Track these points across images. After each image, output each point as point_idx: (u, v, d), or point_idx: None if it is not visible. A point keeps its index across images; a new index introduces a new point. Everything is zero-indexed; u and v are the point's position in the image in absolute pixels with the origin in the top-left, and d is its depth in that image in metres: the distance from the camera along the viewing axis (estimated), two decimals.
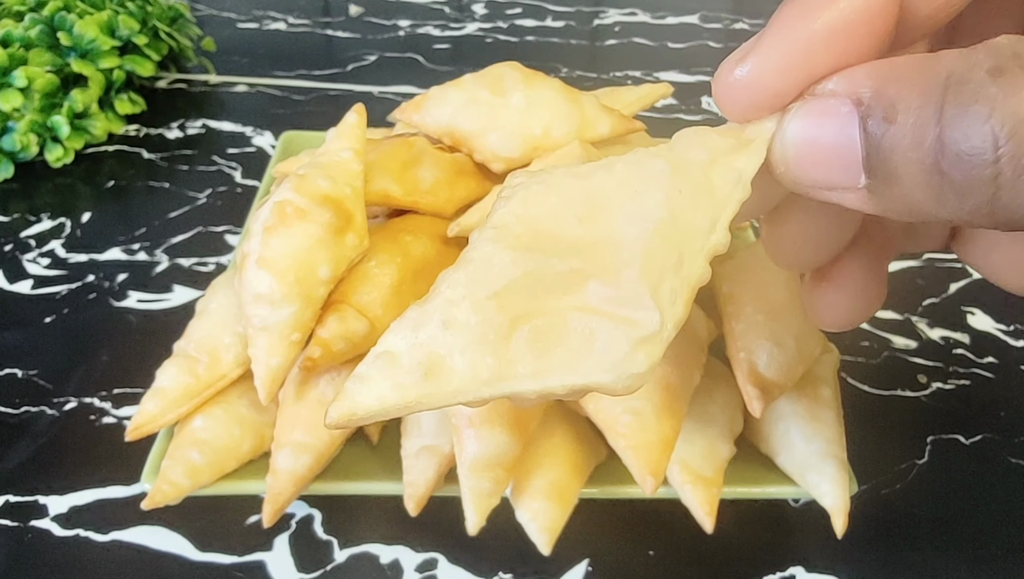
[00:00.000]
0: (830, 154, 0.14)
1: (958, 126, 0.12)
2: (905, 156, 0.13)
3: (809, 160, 0.14)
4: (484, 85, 0.35)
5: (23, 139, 0.50)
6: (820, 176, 0.14)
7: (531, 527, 0.28)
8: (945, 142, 0.12)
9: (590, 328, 0.14)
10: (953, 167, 0.12)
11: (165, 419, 0.29)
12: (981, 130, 0.11)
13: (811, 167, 0.14)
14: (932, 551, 0.32)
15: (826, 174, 0.14)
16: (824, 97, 0.14)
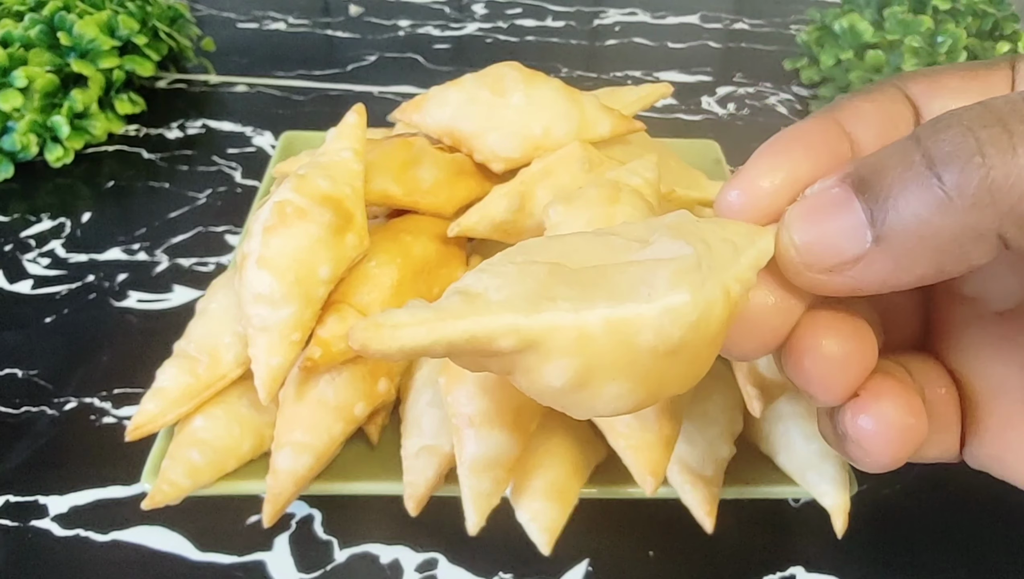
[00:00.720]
0: (832, 225, 0.15)
1: (935, 141, 0.13)
2: (904, 178, 0.13)
3: (814, 239, 0.15)
4: (484, 85, 0.35)
5: (23, 139, 0.50)
6: (828, 250, 0.15)
7: (531, 527, 0.28)
8: (929, 149, 0.13)
9: (628, 271, 0.14)
10: (945, 167, 0.13)
11: (165, 419, 0.29)
12: (953, 132, 0.13)
13: (817, 245, 0.15)
14: (932, 551, 0.32)
15: (833, 245, 0.15)
16: (814, 193, 0.15)
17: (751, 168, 0.17)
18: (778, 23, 0.78)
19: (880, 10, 0.61)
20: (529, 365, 0.13)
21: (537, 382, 0.14)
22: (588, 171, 0.32)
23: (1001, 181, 0.12)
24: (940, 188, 0.13)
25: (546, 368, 0.13)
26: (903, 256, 0.14)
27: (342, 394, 0.29)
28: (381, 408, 0.31)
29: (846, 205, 0.14)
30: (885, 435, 0.15)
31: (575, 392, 0.14)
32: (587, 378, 0.14)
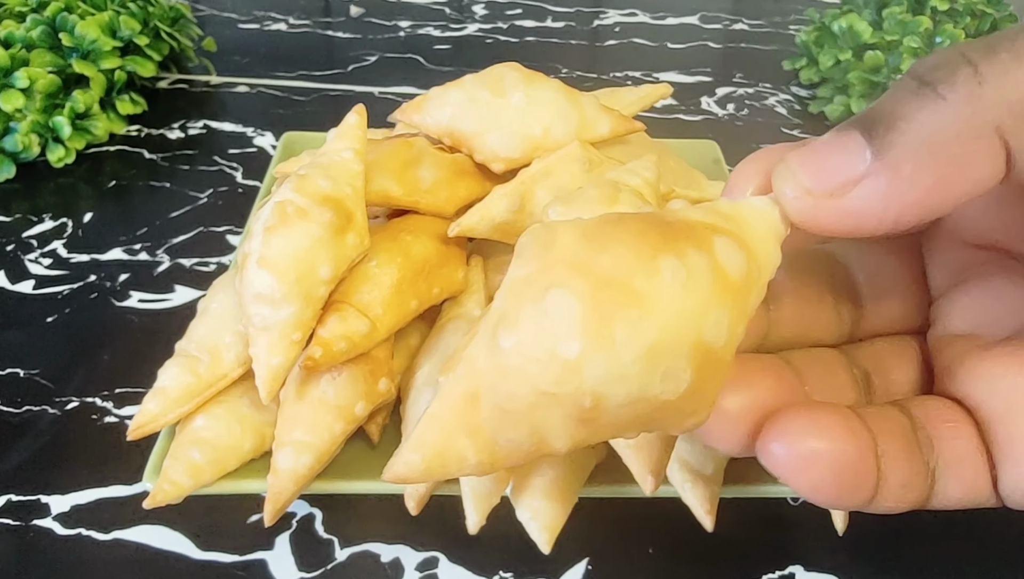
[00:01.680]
0: (831, 150, 0.15)
1: (924, 64, 0.14)
2: (898, 95, 0.14)
3: (814, 163, 0.15)
4: (484, 85, 0.35)
5: (25, 139, 0.50)
6: (829, 170, 0.14)
7: (531, 526, 0.28)
8: (919, 72, 0.14)
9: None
10: (934, 73, 0.14)
11: (166, 418, 0.29)
12: (940, 52, 0.14)
13: (818, 167, 0.15)
14: (933, 550, 0.32)
15: (834, 165, 0.14)
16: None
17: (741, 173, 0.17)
18: (777, 23, 0.78)
19: (879, 10, 0.61)
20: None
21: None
22: (588, 171, 0.32)
23: (989, 75, 0.13)
24: (934, 92, 0.13)
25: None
26: (903, 163, 0.14)
27: (343, 393, 0.29)
28: (382, 407, 0.31)
29: (845, 135, 0.15)
30: (791, 461, 0.15)
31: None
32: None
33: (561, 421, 0.13)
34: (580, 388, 0.13)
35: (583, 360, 0.13)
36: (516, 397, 0.13)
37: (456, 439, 0.14)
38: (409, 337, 0.33)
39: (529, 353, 0.13)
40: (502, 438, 0.13)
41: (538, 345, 0.13)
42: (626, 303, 0.13)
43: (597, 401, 0.13)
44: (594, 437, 0.14)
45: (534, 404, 0.13)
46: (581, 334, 0.13)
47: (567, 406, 0.13)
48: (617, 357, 0.13)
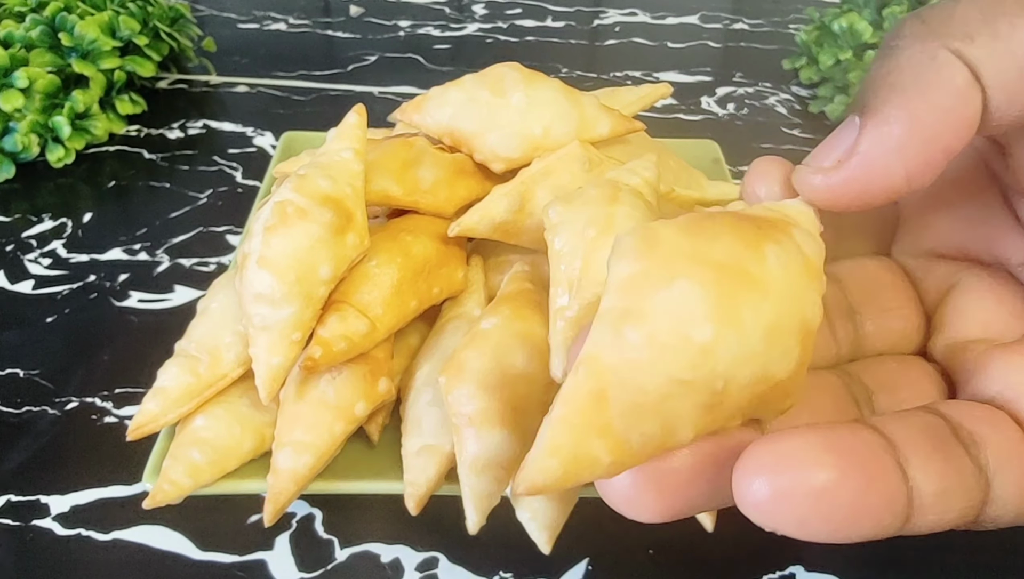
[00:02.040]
0: (831, 135, 0.16)
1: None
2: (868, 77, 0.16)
3: (818, 150, 0.17)
4: (484, 85, 0.35)
5: (24, 139, 0.50)
6: (830, 146, 0.16)
7: (531, 526, 0.28)
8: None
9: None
10: (887, 42, 0.16)
11: (166, 418, 0.29)
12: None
13: (821, 150, 0.16)
14: (933, 550, 0.32)
15: (834, 142, 0.16)
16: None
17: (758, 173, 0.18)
18: (777, 23, 0.78)
19: (879, 10, 0.61)
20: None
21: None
22: (588, 171, 0.32)
23: (929, 17, 0.15)
24: (888, 50, 0.16)
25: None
26: (884, 114, 0.15)
27: (343, 393, 0.29)
28: (382, 407, 0.31)
29: (847, 123, 0.16)
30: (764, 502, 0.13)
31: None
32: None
33: (691, 409, 0.14)
34: (714, 371, 0.13)
35: (717, 342, 0.13)
36: (648, 390, 0.13)
37: (588, 441, 0.13)
38: (409, 337, 0.33)
39: (662, 342, 0.13)
40: (634, 434, 0.13)
41: (671, 332, 0.13)
42: (747, 286, 0.14)
43: (727, 384, 0.14)
44: (713, 424, 0.14)
45: (667, 394, 0.13)
46: (713, 317, 0.13)
47: (700, 392, 0.13)
48: (746, 337, 0.13)
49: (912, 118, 0.15)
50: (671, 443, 0.14)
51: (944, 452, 0.14)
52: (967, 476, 0.14)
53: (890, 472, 0.13)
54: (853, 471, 0.13)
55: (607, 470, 0.14)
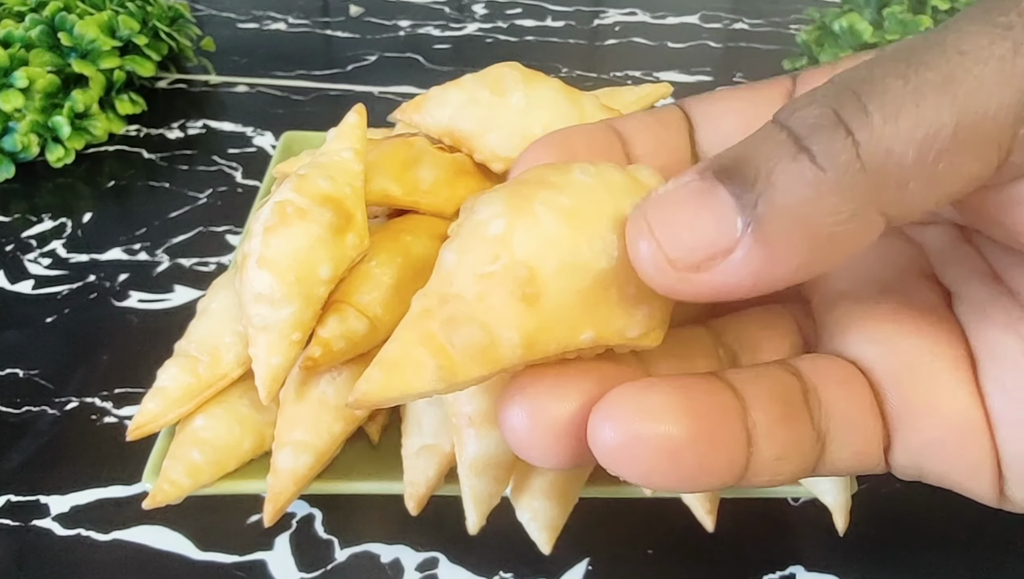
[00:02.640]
0: (698, 215, 0.13)
1: (797, 117, 0.13)
2: (774, 163, 0.12)
3: (678, 231, 0.13)
4: (484, 85, 0.35)
5: (24, 139, 0.50)
6: (696, 241, 0.13)
7: (531, 526, 0.28)
8: (793, 128, 0.12)
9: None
10: (813, 140, 0.12)
11: (166, 419, 0.29)
12: (813, 108, 0.12)
13: (683, 237, 0.13)
14: (933, 550, 0.32)
15: (701, 236, 0.13)
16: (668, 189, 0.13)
17: (529, 153, 0.17)
18: (777, 23, 0.78)
19: (879, 10, 0.61)
20: None
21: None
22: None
23: (865, 144, 0.12)
24: (812, 162, 0.12)
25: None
26: (778, 242, 0.12)
27: (343, 394, 0.29)
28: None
29: (711, 193, 0.13)
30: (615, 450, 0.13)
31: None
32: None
33: (505, 302, 0.14)
34: (513, 258, 0.14)
35: (510, 231, 0.14)
36: (461, 295, 0.14)
37: (412, 349, 0.14)
38: None
39: (466, 248, 0.15)
40: (456, 339, 0.14)
41: (472, 238, 0.15)
42: (543, 187, 0.15)
43: (531, 271, 0.14)
44: (545, 329, 0.14)
45: (478, 294, 0.14)
46: (506, 213, 0.14)
47: (506, 281, 0.14)
48: (540, 224, 0.14)
49: (810, 265, 0.13)
50: (500, 345, 0.14)
51: (790, 419, 0.14)
52: (806, 444, 0.14)
53: (737, 438, 0.14)
54: (703, 434, 0.13)
55: (435, 376, 0.14)
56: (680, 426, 0.13)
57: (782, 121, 0.13)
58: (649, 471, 0.13)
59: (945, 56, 0.12)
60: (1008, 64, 0.11)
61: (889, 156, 0.12)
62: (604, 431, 0.13)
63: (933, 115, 0.12)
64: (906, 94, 0.12)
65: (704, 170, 0.13)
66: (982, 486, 0.15)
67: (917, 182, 0.12)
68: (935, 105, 0.12)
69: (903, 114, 0.12)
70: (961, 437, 0.15)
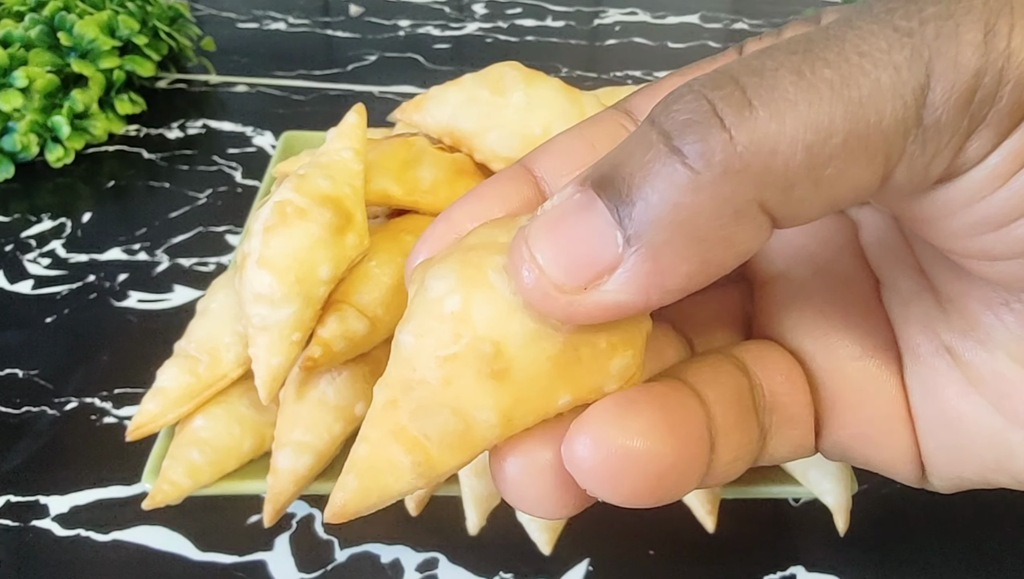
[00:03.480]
0: (576, 234, 0.12)
1: (669, 115, 0.11)
2: (647, 168, 0.11)
3: (559, 253, 0.12)
4: (484, 85, 0.35)
5: (23, 139, 0.50)
6: (578, 261, 0.12)
7: (531, 526, 0.28)
8: (664, 125, 0.11)
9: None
10: (684, 140, 0.11)
11: (166, 419, 0.29)
12: (686, 102, 0.11)
13: (564, 258, 0.12)
14: (932, 550, 0.32)
15: (582, 255, 0.12)
16: (551, 204, 0.13)
17: (439, 224, 0.15)
18: (777, 23, 0.78)
19: None
20: None
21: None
22: None
23: (746, 142, 0.11)
24: (684, 163, 0.11)
25: None
26: (662, 252, 0.11)
27: (342, 394, 0.29)
28: None
29: (588, 207, 0.12)
30: (598, 467, 0.13)
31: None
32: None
33: (475, 383, 0.13)
34: (475, 335, 0.13)
35: (467, 306, 0.13)
36: (425, 381, 0.13)
37: (384, 448, 0.13)
38: None
39: (423, 330, 0.13)
40: (429, 429, 0.13)
41: (428, 319, 0.13)
42: (492, 251, 0.14)
43: (497, 346, 0.13)
44: (521, 402, 0.13)
45: (443, 378, 0.13)
46: (459, 287, 0.13)
47: (471, 361, 0.13)
48: (497, 293, 0.13)
49: (701, 270, 0.12)
50: (477, 428, 0.13)
51: (743, 422, 0.14)
52: (754, 443, 0.15)
53: (706, 448, 0.14)
54: (685, 451, 0.13)
55: (412, 474, 0.13)
56: (666, 445, 0.13)
57: (655, 118, 0.12)
58: (634, 491, 0.13)
59: (844, 55, 0.11)
60: (904, 73, 0.11)
61: (773, 156, 0.11)
62: (581, 450, 0.13)
63: (826, 117, 0.11)
64: (799, 91, 0.11)
65: (584, 180, 0.12)
66: (904, 473, 0.15)
67: (804, 186, 0.11)
68: (829, 107, 0.11)
69: (793, 113, 0.11)
70: (885, 433, 0.15)
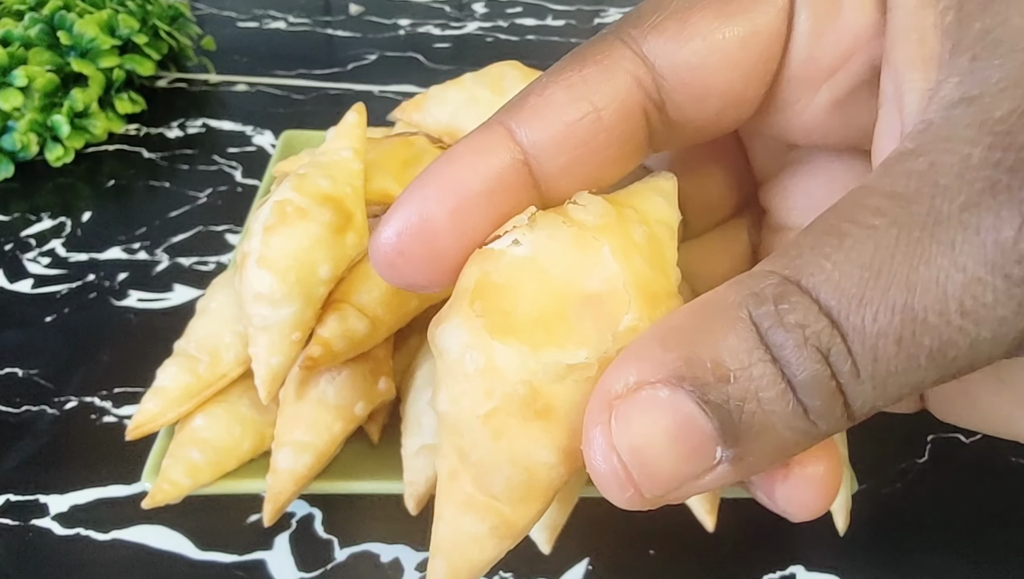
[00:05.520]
0: (675, 448, 0.12)
1: (789, 357, 0.11)
2: (765, 404, 0.12)
3: (653, 467, 0.12)
4: (484, 84, 0.35)
5: (23, 138, 0.50)
6: (672, 477, 0.12)
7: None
8: (791, 378, 0.11)
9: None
10: (808, 396, 0.11)
11: (166, 418, 0.29)
12: (805, 353, 0.11)
13: (658, 473, 0.12)
14: (932, 550, 0.32)
15: (679, 471, 0.12)
16: (631, 395, 0.12)
17: (404, 212, 0.14)
18: None
19: None
20: None
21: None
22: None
23: (858, 410, 0.12)
24: (806, 416, 0.12)
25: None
26: (757, 468, 0.12)
27: (342, 393, 0.29)
28: (381, 407, 0.31)
29: (691, 425, 0.12)
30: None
31: None
32: None
33: (522, 430, 0.13)
34: (506, 383, 0.13)
35: (489, 358, 0.13)
36: (476, 443, 0.13)
37: (460, 522, 0.13)
38: (409, 337, 0.33)
39: (456, 395, 0.13)
40: (495, 489, 0.13)
41: (456, 381, 0.13)
42: (490, 294, 0.13)
43: (531, 386, 0.13)
44: (575, 432, 0.13)
45: (492, 434, 0.13)
46: (473, 342, 0.13)
47: (513, 410, 0.13)
48: (519, 332, 0.13)
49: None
50: (539, 472, 0.13)
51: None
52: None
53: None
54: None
55: (493, 538, 0.13)
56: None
57: (762, 331, 0.12)
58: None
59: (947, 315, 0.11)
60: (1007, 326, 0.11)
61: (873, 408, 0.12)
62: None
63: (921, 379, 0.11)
64: (900, 361, 0.11)
65: (675, 381, 0.12)
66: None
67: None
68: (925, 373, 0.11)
69: (894, 381, 0.11)
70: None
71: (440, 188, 0.14)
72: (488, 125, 0.14)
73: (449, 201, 0.14)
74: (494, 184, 0.14)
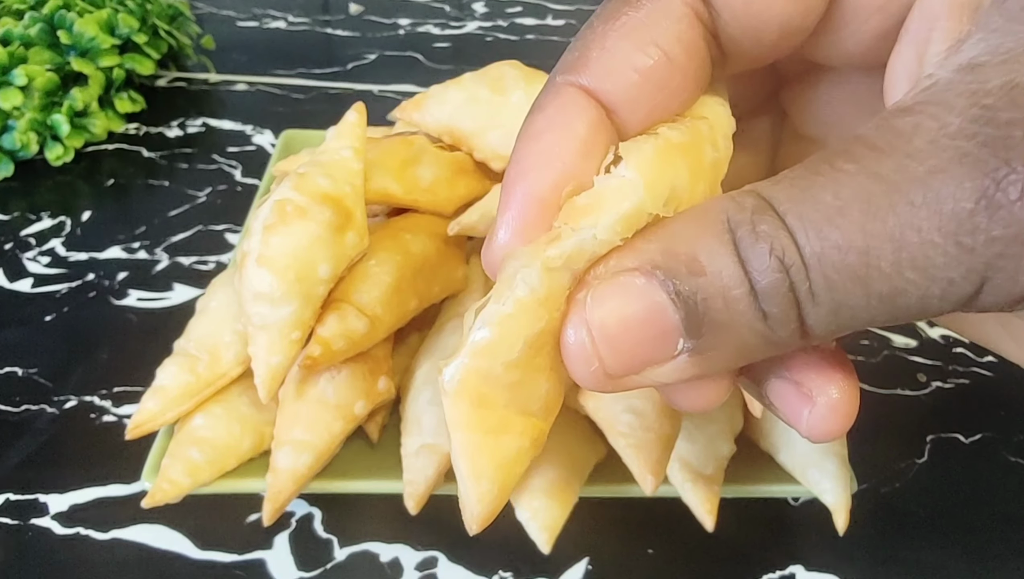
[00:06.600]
0: (641, 331, 0.13)
1: (754, 263, 0.12)
2: (729, 302, 0.12)
3: (618, 344, 0.13)
4: (484, 84, 0.35)
5: (23, 137, 0.50)
6: (635, 357, 0.13)
7: (531, 526, 0.28)
8: (754, 284, 0.12)
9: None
10: (768, 303, 0.12)
11: (165, 417, 0.29)
12: (769, 262, 0.12)
13: (622, 351, 0.13)
14: (932, 550, 0.32)
15: (642, 353, 0.13)
16: (610, 278, 0.13)
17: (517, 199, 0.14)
18: None
19: None
20: None
21: None
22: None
23: (811, 319, 0.12)
24: (764, 323, 0.12)
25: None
26: (713, 360, 0.13)
27: (342, 392, 0.29)
28: (381, 406, 0.31)
29: (660, 312, 0.13)
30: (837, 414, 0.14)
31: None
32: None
33: (556, 348, 0.14)
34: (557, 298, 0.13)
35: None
36: (517, 363, 0.13)
37: (499, 442, 0.14)
38: (409, 336, 0.33)
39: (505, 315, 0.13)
40: (532, 408, 0.14)
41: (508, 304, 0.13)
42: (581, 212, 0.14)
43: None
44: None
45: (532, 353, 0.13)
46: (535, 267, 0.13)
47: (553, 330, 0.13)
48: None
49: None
50: (543, 381, 0.14)
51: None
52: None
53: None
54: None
55: (536, 448, 0.14)
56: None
57: (736, 236, 0.12)
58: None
59: (899, 268, 0.12)
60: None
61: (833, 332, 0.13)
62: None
63: (870, 315, 0.12)
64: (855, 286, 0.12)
65: (650, 269, 0.13)
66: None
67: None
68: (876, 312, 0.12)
69: (848, 306, 0.12)
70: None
71: (538, 168, 0.14)
72: (556, 88, 0.14)
73: (551, 176, 0.14)
74: (586, 147, 0.14)
